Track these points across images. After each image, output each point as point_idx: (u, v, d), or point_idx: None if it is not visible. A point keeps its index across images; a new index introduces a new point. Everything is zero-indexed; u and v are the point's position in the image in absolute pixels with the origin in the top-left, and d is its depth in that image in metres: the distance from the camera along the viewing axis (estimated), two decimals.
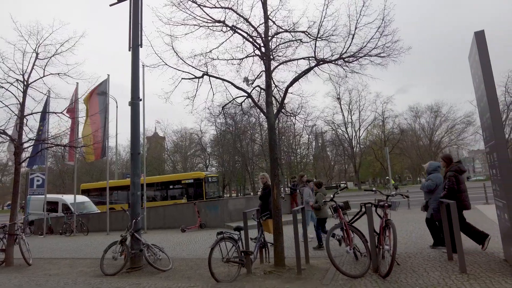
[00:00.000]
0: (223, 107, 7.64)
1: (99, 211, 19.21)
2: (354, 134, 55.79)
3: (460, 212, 5.36)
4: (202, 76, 7.08)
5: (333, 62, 6.70)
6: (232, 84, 6.90)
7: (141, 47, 8.04)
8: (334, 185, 66.05)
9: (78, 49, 9.49)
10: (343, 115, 55.79)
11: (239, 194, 56.95)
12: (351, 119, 55.55)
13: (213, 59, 7.06)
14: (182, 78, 7.21)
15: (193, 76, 7.12)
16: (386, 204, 4.94)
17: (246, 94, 6.92)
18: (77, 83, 14.77)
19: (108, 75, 15.20)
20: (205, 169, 55.98)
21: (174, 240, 10.71)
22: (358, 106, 55.23)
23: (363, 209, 5.04)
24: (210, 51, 7.04)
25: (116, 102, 18.53)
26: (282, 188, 41.06)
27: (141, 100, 7.95)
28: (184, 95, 7.39)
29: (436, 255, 5.50)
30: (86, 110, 14.90)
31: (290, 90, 7.03)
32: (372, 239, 4.76)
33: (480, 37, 4.65)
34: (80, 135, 14.73)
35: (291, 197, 15.27)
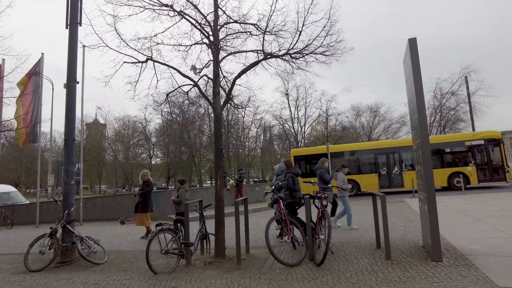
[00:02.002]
0: (167, 95, 7.39)
1: (27, 202, 17.56)
2: (299, 129, 57.63)
3: (295, 206, 6.11)
4: (146, 61, 6.76)
5: (280, 57, 6.82)
6: (178, 71, 6.70)
7: (80, 25, 7.43)
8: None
9: (4, 20, 8.48)
10: (290, 111, 57.32)
11: None
12: (298, 114, 57.28)
13: (158, 43, 6.77)
14: (124, 62, 6.83)
15: (136, 60, 6.78)
16: (323, 196, 5.20)
17: (193, 83, 6.77)
18: (3, 59, 13.27)
19: (42, 53, 13.85)
20: (148, 160, 54.00)
21: (112, 232, 10.21)
22: (304, 103, 57.08)
23: (302, 201, 5.25)
24: (156, 35, 6.75)
25: (52, 84, 17.02)
26: (231, 180, 41.18)
27: (78, 82, 7.36)
28: (126, 79, 7.01)
29: (367, 244, 5.92)
30: (21, 91, 13.43)
31: (238, 82, 7.02)
32: (309, 229, 4.98)
33: (412, 43, 5.03)
34: (7, 117, 13.28)
35: (236, 189, 15.39)
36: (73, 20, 7.24)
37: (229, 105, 8.43)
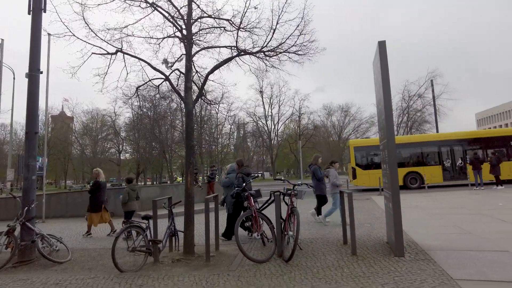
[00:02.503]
0: (137, 88, 7.19)
1: None
2: (273, 127, 58.19)
3: (242, 206, 6.14)
4: (115, 53, 6.54)
5: (254, 54, 6.82)
6: (149, 64, 6.53)
7: (45, 11, 7.04)
8: (255, 174, 68.12)
9: None
10: (264, 108, 57.71)
11: (154, 182, 54.80)
12: (271, 112, 57.78)
13: (129, 35, 6.57)
14: (92, 53, 6.57)
15: (105, 52, 6.55)
16: (293, 193, 5.27)
17: (164, 77, 6.63)
18: None
19: (2, 39, 13.04)
20: (117, 155, 52.40)
21: (77, 229, 9.83)
22: (278, 101, 57.66)
23: (272, 197, 5.30)
24: (126, 27, 6.53)
25: (14, 73, 16.03)
26: (201, 177, 40.83)
27: (41, 72, 6.98)
28: (94, 71, 6.75)
29: (334, 240, 6.07)
30: None
31: (211, 77, 6.95)
32: (278, 226, 5.04)
33: (382, 46, 5.18)
34: None
35: (208, 186, 15.28)
36: (37, 6, 6.84)
37: (202, 100, 8.33)
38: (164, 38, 6.97)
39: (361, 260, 4.63)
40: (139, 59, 6.60)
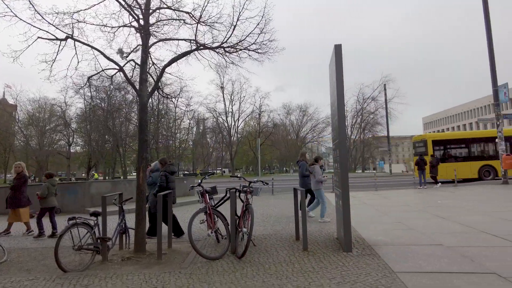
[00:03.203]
0: (89, 78, 6.81)
1: None
2: (233, 123, 58.06)
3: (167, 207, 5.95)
4: (65, 39, 6.13)
5: (214, 49, 6.75)
6: (103, 54, 6.21)
7: None
8: (211, 171, 67.52)
9: None
10: (225, 104, 57.40)
11: (107, 177, 52.31)
12: (232, 109, 57.63)
13: (80, 21, 6.18)
14: (38, 37, 6.10)
15: (54, 38, 6.11)
16: (248, 190, 5.31)
17: (118, 67, 6.33)
18: None
19: None
20: (67, 148, 49.28)
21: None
22: (239, 98, 57.65)
23: (228, 194, 5.30)
24: (78, 12, 6.14)
25: None
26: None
27: None
28: (40, 57, 6.27)
29: (287, 236, 6.22)
30: None
31: (168, 70, 6.77)
32: (233, 223, 5.05)
33: (338, 49, 5.35)
34: None
35: None
36: None
37: (160, 94, 8.09)
38: (119, 27, 6.66)
39: (311, 256, 4.79)
40: (92, 47, 6.25)
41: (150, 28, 6.41)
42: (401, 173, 38.59)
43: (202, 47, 6.75)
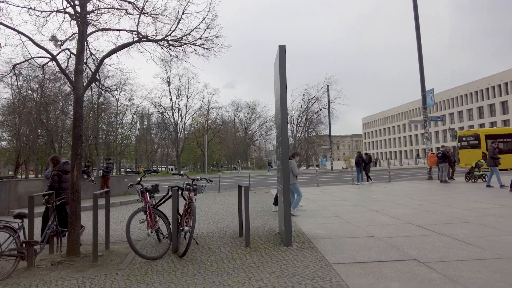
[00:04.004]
0: (14, 66, 6.17)
1: None
2: (180, 119, 56.61)
3: (62, 210, 5.86)
4: None
5: (157, 42, 6.52)
6: (31, 40, 5.66)
7: None
8: (155, 168, 65.26)
9: None
10: (171, 99, 55.79)
11: (39, 176, 47.90)
12: (179, 104, 56.14)
13: (2, 1, 5.57)
14: None
15: None
16: (191, 188, 5.23)
17: (50, 56, 5.83)
18: None
19: None
20: None
21: None
22: (186, 93, 56.44)
23: (170, 193, 5.17)
24: None
25: None
26: (95, 171, 37.26)
27: None
28: None
29: (231, 233, 6.25)
30: None
31: (108, 62, 6.41)
32: (174, 221, 4.95)
33: (282, 50, 5.48)
34: None
35: (102, 180, 14.07)
36: None
37: (98, 86, 7.60)
38: (51, 12, 6.12)
39: (253, 251, 4.87)
40: (18, 32, 5.67)
41: (87, 16, 6.00)
42: (341, 169, 40.80)
43: (144, 39, 6.48)
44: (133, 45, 6.50)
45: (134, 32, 6.47)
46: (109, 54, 6.09)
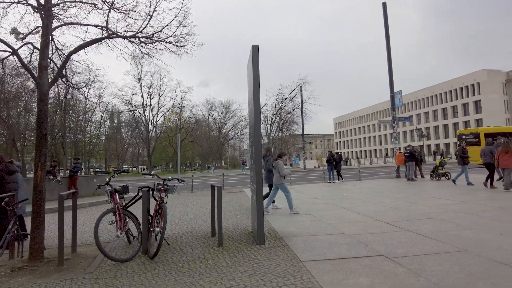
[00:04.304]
0: None
1: None
2: (151, 118, 55.34)
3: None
4: None
5: (128, 38, 6.34)
6: None
7: None
8: (125, 168, 63.54)
9: None
10: (143, 97, 54.31)
11: None
12: (151, 102, 54.82)
13: None
14: None
15: None
16: (162, 188, 5.14)
17: (11, 50, 5.53)
18: None
19: None
20: None
21: None
22: (158, 91, 55.14)
23: (140, 193, 5.06)
24: None
25: None
26: (62, 171, 35.72)
27: None
28: None
29: (204, 233, 6.21)
30: None
31: (76, 58, 6.18)
32: (145, 222, 4.85)
33: (255, 50, 5.50)
34: None
35: (69, 181, 13.52)
36: None
37: (64, 83, 7.29)
38: (12, 3, 5.81)
39: (226, 251, 4.87)
40: None
41: (52, 9, 5.73)
42: (314, 168, 41.52)
43: (114, 36, 6.29)
44: (103, 41, 6.30)
45: (103, 28, 6.26)
46: (76, 50, 5.86)
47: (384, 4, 18.98)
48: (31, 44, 5.95)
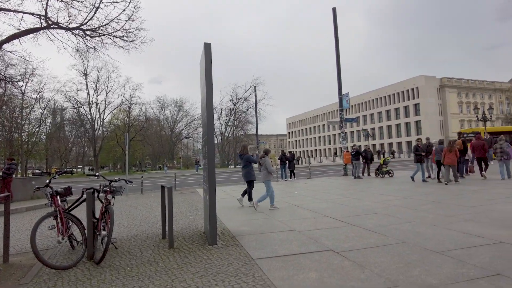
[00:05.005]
0: None
1: None
2: (98, 115, 52.36)
3: None
4: None
5: (71, 30, 5.95)
6: None
7: None
8: (70, 169, 59.50)
9: None
10: (88, 94, 51.19)
11: None
12: (97, 99, 51.86)
13: None
14: None
15: None
16: (109, 190, 4.89)
17: None
18: None
19: None
20: None
21: None
22: (106, 87, 52.40)
23: (84, 195, 4.76)
24: None
25: None
26: None
27: None
28: None
29: (154, 235, 6.01)
30: None
31: (9, 48, 5.63)
32: (90, 226, 4.57)
33: (207, 48, 5.43)
34: None
35: (2, 183, 12.30)
36: None
37: None
38: None
39: (177, 253, 4.76)
40: None
41: None
42: None
43: (55, 26, 5.89)
44: (41, 31, 5.86)
45: (41, 17, 5.83)
46: (9, 39, 5.38)
47: (334, 10, 19.81)
48: None
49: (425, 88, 68.68)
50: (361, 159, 17.43)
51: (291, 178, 17.86)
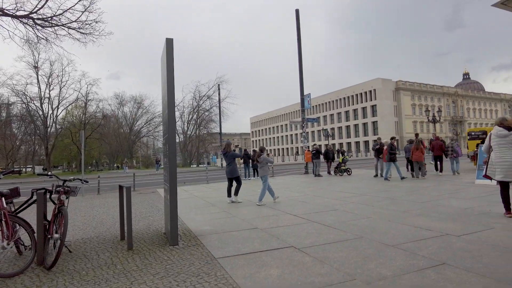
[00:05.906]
0: None
1: None
2: (51, 112, 49.11)
3: None
4: None
5: (18, 18, 5.53)
6: None
7: None
8: (18, 169, 55.34)
9: None
10: (40, 88, 47.77)
11: None
12: (49, 94, 48.60)
13: None
14: None
15: None
16: (62, 190, 4.61)
17: None
18: None
19: None
20: None
21: None
22: (60, 82, 49.18)
23: (35, 196, 4.45)
24: None
25: None
26: None
27: None
28: None
29: (112, 237, 5.77)
30: None
31: None
32: (40, 229, 4.28)
33: (169, 43, 5.30)
34: None
35: None
36: None
37: None
38: None
39: (136, 254, 4.60)
40: None
41: None
42: None
43: (1, 13, 5.41)
44: None
45: None
46: None
47: (297, 11, 20.20)
48: None
49: (381, 91, 72.23)
50: (321, 157, 17.97)
51: (254, 176, 17.97)
